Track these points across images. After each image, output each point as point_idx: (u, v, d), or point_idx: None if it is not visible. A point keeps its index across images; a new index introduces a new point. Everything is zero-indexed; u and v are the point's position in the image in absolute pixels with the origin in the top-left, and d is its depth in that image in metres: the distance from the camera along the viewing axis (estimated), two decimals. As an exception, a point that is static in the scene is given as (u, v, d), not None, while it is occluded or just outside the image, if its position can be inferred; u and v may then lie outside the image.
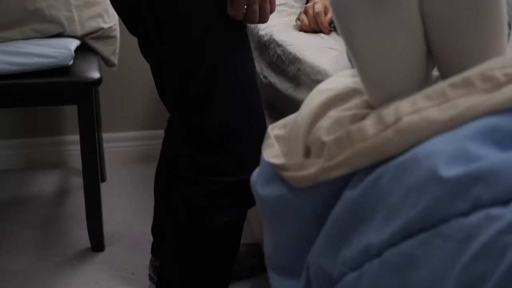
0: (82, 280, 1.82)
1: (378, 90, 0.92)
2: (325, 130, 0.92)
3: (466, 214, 0.72)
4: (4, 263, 1.88)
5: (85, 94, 1.82)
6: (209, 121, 1.24)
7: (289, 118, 1.05)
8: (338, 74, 1.06)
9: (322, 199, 0.92)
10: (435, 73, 0.96)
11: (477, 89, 0.82)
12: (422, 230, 0.75)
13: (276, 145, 1.02)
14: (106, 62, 2.05)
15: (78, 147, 1.86)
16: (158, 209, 1.67)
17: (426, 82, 0.92)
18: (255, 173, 1.04)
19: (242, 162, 1.25)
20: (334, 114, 0.94)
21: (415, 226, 0.76)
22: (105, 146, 2.34)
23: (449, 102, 0.82)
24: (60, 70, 1.81)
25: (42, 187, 2.31)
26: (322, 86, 1.03)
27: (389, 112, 0.85)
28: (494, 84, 0.82)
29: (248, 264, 1.81)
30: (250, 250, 1.84)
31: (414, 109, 0.83)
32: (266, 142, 1.04)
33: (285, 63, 1.59)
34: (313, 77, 1.45)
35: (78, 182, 2.24)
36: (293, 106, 1.39)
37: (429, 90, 0.85)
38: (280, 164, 0.97)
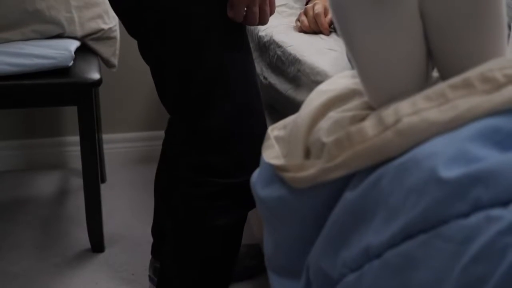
0: (82, 281, 1.82)
1: (378, 91, 0.92)
2: (325, 131, 0.92)
3: (466, 215, 0.72)
4: (4, 264, 1.88)
5: (85, 95, 1.82)
6: (209, 122, 1.24)
7: (289, 119, 1.05)
8: (338, 75, 1.06)
9: (322, 200, 0.92)
10: (435, 74, 0.96)
11: (477, 90, 0.82)
12: (422, 231, 0.75)
13: (276, 146, 1.02)
14: (106, 63, 2.05)
15: (78, 148, 1.86)
16: (158, 210, 1.67)
17: (426, 83, 0.92)
18: (255, 174, 1.04)
19: (242, 163, 1.25)
20: (334, 115, 0.94)
21: (415, 227, 0.76)
22: (105, 147, 2.34)
23: (449, 103, 0.82)
24: (60, 71, 1.80)
25: (42, 188, 2.31)
26: (322, 87, 1.03)
27: (389, 113, 0.85)
28: (494, 85, 0.82)
29: (248, 265, 1.80)
30: (250, 251, 1.84)
31: (414, 110, 0.83)
32: (266, 143, 1.04)
33: (285, 64, 1.59)
34: (313, 78, 1.45)
35: (78, 183, 2.24)
36: (293, 107, 1.39)
37: (429, 91, 0.85)
38: (280, 165, 0.97)
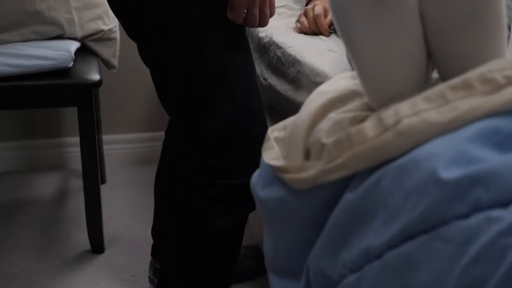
0: (82, 282, 1.82)
1: (378, 92, 0.92)
2: (325, 132, 0.92)
3: (466, 216, 0.72)
4: (4, 266, 1.87)
5: (85, 96, 1.82)
6: (209, 124, 1.24)
7: (289, 120, 1.05)
8: (338, 76, 1.06)
9: (322, 201, 0.92)
10: (435, 75, 0.96)
11: (476, 91, 0.82)
12: (422, 232, 0.75)
13: (276, 147, 1.02)
14: (106, 64, 2.05)
15: (78, 149, 1.86)
16: (158, 211, 1.67)
17: (426, 84, 0.92)
18: (255, 175, 1.04)
19: (242, 165, 1.25)
20: (334, 116, 0.94)
21: (415, 228, 0.76)
22: (105, 148, 2.34)
23: (449, 104, 0.82)
24: (60, 72, 1.80)
25: (42, 189, 2.31)
26: (322, 88, 1.02)
27: (389, 114, 0.85)
28: (494, 86, 0.82)
29: (248, 266, 1.80)
30: (250, 252, 1.84)
31: (414, 111, 0.83)
32: (266, 144, 1.04)
33: (285, 65, 1.58)
34: (313, 79, 1.45)
35: (78, 184, 2.23)
36: (293, 108, 1.39)
37: (429, 92, 0.85)
38: (280, 166, 0.97)
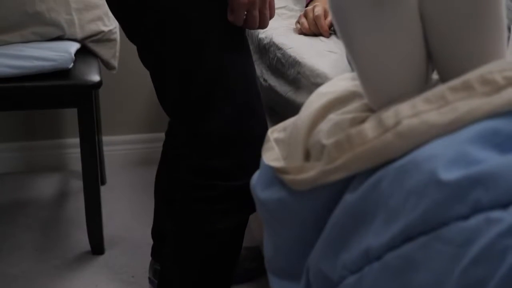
0: (82, 283, 1.82)
1: (377, 93, 0.92)
2: (325, 133, 0.92)
3: (465, 217, 0.72)
4: (4, 267, 1.87)
5: (85, 97, 1.82)
6: (209, 125, 1.24)
7: (289, 121, 1.05)
8: (338, 77, 1.06)
9: (322, 203, 0.92)
10: (435, 76, 0.96)
11: (476, 92, 0.82)
12: (422, 233, 0.75)
13: (276, 148, 1.02)
14: (106, 65, 2.05)
15: (78, 150, 1.86)
16: (158, 212, 1.67)
17: (426, 85, 0.92)
18: (255, 176, 1.04)
19: (243, 166, 1.25)
20: (334, 117, 0.94)
21: (415, 229, 0.76)
22: (105, 149, 2.34)
23: (448, 106, 0.82)
24: (60, 73, 1.80)
25: (42, 190, 2.30)
26: (322, 89, 1.02)
27: (389, 115, 0.85)
28: (494, 87, 0.82)
29: (248, 267, 1.80)
30: (250, 254, 1.84)
31: (414, 112, 0.83)
32: (266, 145, 1.04)
33: (285, 66, 1.59)
34: (313, 80, 1.45)
35: (78, 185, 2.23)
36: (293, 109, 1.39)
37: (429, 94, 0.85)
38: (280, 167, 0.97)
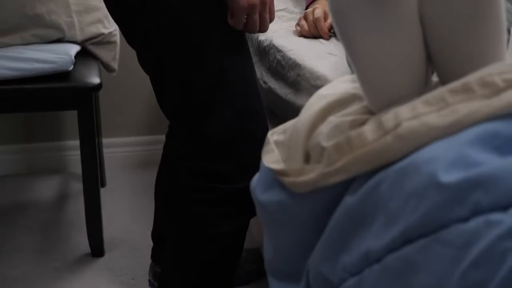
0: (82, 285, 1.82)
1: (377, 96, 0.92)
2: (324, 136, 0.92)
3: (465, 219, 0.72)
4: (4, 269, 1.87)
5: (85, 100, 1.82)
6: (209, 129, 1.24)
7: (289, 124, 1.05)
8: (338, 80, 1.06)
9: (321, 205, 0.92)
10: (435, 78, 0.96)
11: (476, 94, 0.82)
12: (422, 235, 0.75)
13: (275, 150, 1.02)
14: (106, 68, 2.05)
15: (78, 153, 1.86)
16: (158, 214, 1.67)
17: (425, 87, 0.92)
18: (255, 178, 1.04)
19: (243, 168, 1.25)
20: (333, 119, 0.94)
21: (415, 231, 0.76)
22: (105, 151, 2.34)
23: (448, 108, 0.82)
24: (60, 76, 1.80)
25: (42, 193, 2.30)
26: (322, 91, 1.03)
27: (388, 117, 0.85)
28: (493, 89, 0.82)
29: (248, 269, 1.80)
30: (250, 256, 1.83)
31: (413, 114, 0.83)
32: (266, 147, 1.04)
33: (285, 69, 1.59)
34: (313, 82, 1.45)
35: (78, 187, 2.23)
36: (292, 111, 1.39)
37: (428, 96, 0.85)
38: (279, 169, 0.97)
